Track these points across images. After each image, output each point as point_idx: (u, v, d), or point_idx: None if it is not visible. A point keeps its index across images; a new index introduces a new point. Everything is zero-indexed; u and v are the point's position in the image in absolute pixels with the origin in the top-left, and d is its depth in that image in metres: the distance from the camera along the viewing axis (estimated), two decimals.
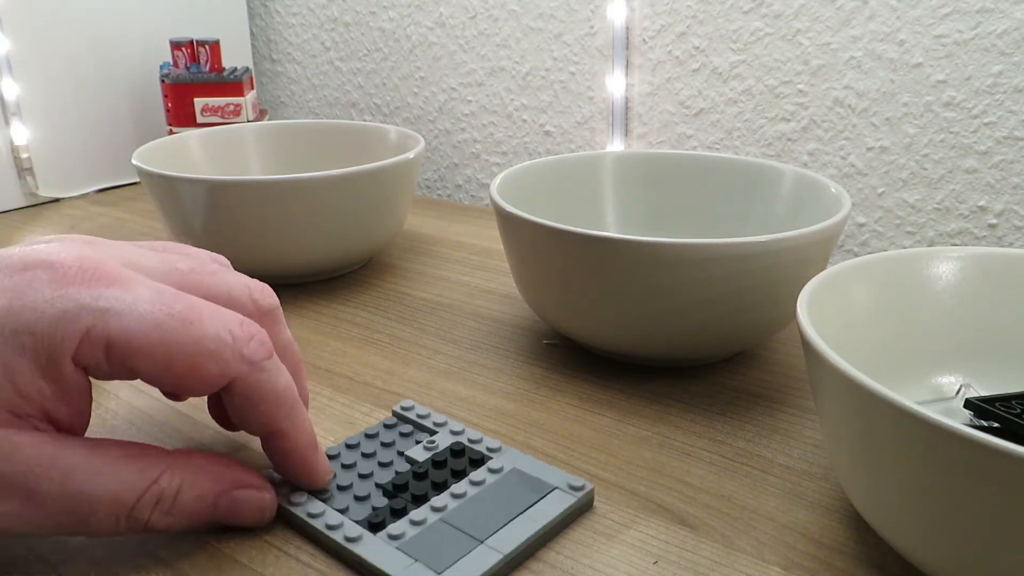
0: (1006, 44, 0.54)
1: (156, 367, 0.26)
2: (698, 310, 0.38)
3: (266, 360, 0.27)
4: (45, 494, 0.25)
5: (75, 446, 0.26)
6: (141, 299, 0.25)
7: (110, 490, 0.26)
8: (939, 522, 0.24)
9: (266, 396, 0.28)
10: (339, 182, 0.49)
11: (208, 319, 0.26)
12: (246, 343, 0.27)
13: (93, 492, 0.25)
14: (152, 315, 0.25)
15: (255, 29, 0.96)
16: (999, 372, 0.36)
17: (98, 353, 0.25)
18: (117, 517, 0.26)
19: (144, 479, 0.26)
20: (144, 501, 0.26)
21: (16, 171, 0.74)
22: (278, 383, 0.28)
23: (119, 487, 0.26)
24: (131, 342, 0.25)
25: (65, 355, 0.24)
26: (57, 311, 0.24)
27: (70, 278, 0.25)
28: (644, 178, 0.54)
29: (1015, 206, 0.56)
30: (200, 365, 0.26)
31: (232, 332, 0.27)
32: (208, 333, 0.26)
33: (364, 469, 0.33)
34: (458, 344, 0.46)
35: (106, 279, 0.25)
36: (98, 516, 0.26)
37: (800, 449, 0.36)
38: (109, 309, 0.25)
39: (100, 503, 0.25)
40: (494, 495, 0.31)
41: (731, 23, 0.64)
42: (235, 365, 0.27)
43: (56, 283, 0.25)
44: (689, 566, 0.29)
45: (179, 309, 0.26)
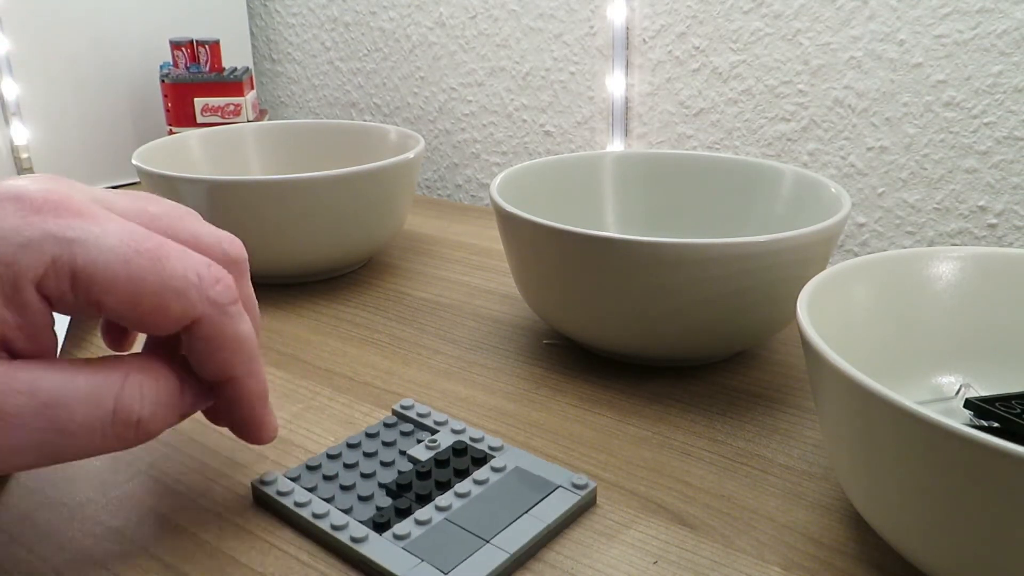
0: (1006, 44, 0.54)
1: (121, 302, 0.25)
2: (698, 310, 0.38)
3: (231, 304, 0.27)
4: (15, 409, 0.24)
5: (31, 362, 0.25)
6: (109, 232, 0.25)
7: (85, 389, 0.25)
8: (939, 522, 0.24)
9: (227, 340, 0.27)
10: (339, 182, 0.49)
11: (176, 259, 0.26)
12: (212, 285, 0.27)
13: (67, 395, 0.25)
14: (120, 249, 0.25)
15: (255, 29, 0.96)
16: (999, 372, 0.36)
17: (63, 283, 0.24)
18: (102, 421, 0.25)
19: (115, 375, 0.26)
20: (126, 395, 0.26)
21: (16, 171, 0.74)
22: (240, 328, 0.28)
23: (93, 385, 0.25)
24: (97, 274, 0.24)
25: (29, 282, 0.24)
26: (23, 238, 0.24)
27: (37, 207, 0.25)
28: (644, 178, 0.54)
29: (1015, 206, 0.56)
30: (165, 303, 0.26)
31: (199, 273, 0.26)
32: (176, 271, 0.26)
33: (367, 468, 0.33)
34: (458, 344, 0.46)
35: (74, 211, 0.25)
36: (80, 421, 0.25)
37: (800, 449, 0.36)
38: (76, 239, 0.24)
39: (78, 404, 0.25)
40: (498, 494, 0.31)
41: (731, 23, 0.64)
42: (200, 306, 0.26)
43: (23, 213, 0.24)
44: (689, 566, 0.29)
45: (148, 247, 0.26)
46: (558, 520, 0.30)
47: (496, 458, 0.33)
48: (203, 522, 0.31)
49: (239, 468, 0.35)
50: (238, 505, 0.32)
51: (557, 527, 0.30)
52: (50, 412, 0.24)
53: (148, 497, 0.33)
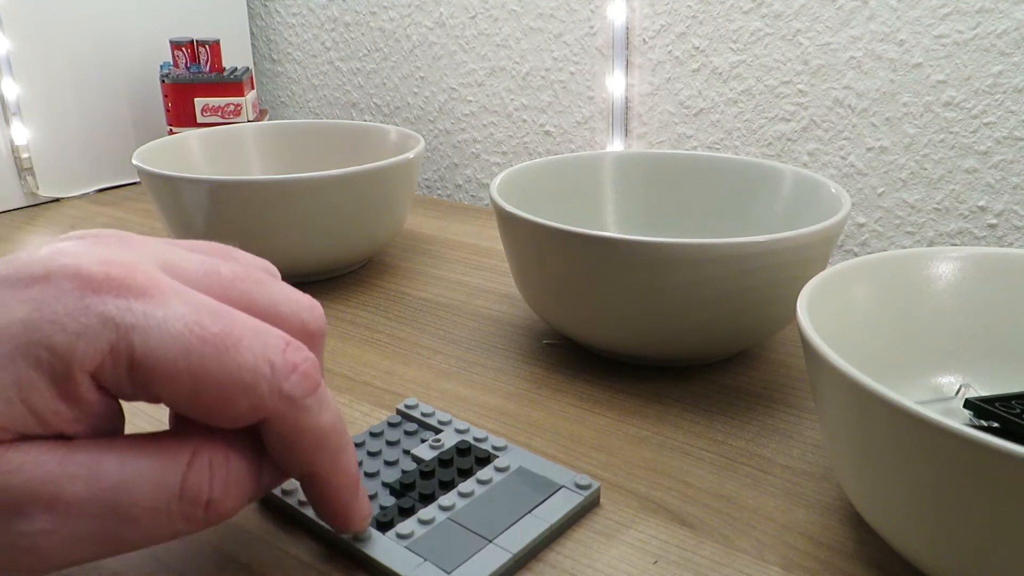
0: (1006, 44, 0.54)
1: (181, 395, 0.23)
2: (698, 310, 0.38)
3: (308, 396, 0.24)
4: (73, 497, 0.22)
5: (89, 443, 0.23)
6: (173, 316, 0.22)
7: (149, 470, 0.22)
8: (939, 522, 0.24)
9: (303, 437, 0.24)
10: (339, 182, 0.49)
11: (246, 347, 0.23)
12: (287, 376, 0.23)
13: (130, 477, 0.22)
14: (184, 337, 0.22)
15: (255, 29, 0.96)
16: (999, 372, 0.36)
17: (120, 373, 0.22)
18: (168, 504, 0.23)
19: (182, 453, 0.23)
20: (194, 474, 0.23)
21: (16, 171, 0.74)
22: (319, 422, 0.24)
23: (158, 466, 0.23)
24: (156, 366, 0.22)
25: (84, 374, 0.22)
26: (80, 325, 0.21)
27: (95, 286, 0.22)
28: (644, 178, 0.54)
29: (1015, 206, 0.56)
30: (231, 399, 0.23)
31: (272, 362, 0.23)
32: (245, 363, 0.23)
33: (370, 468, 0.33)
34: (458, 344, 0.46)
35: (136, 289, 0.22)
36: (144, 505, 0.22)
37: (800, 449, 0.36)
38: (135, 325, 0.22)
39: (142, 487, 0.22)
40: (501, 494, 0.31)
41: (731, 23, 0.64)
42: (271, 401, 0.23)
43: (80, 293, 0.22)
44: (689, 566, 0.29)
45: (214, 332, 0.23)
46: (561, 520, 0.30)
47: (500, 458, 0.33)
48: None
49: None
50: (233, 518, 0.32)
51: (560, 527, 0.30)
52: (111, 497, 0.22)
53: None
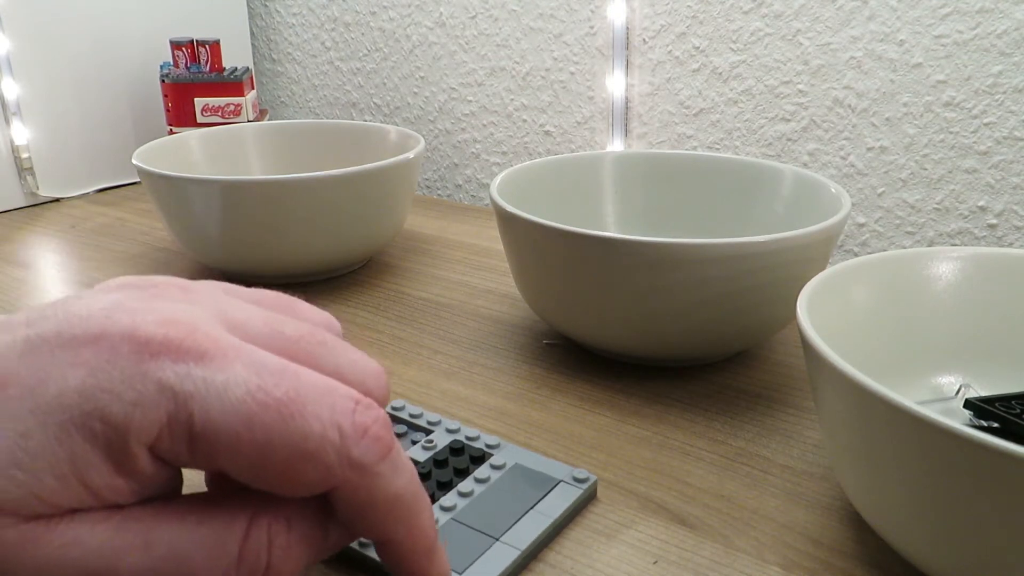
0: (1006, 44, 0.54)
1: (245, 467, 0.21)
2: (698, 310, 0.38)
3: (381, 462, 0.22)
4: (129, 569, 0.21)
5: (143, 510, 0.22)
6: (235, 381, 0.21)
7: (205, 539, 0.21)
8: (939, 522, 0.24)
9: (376, 504, 0.23)
10: (339, 182, 0.49)
11: (313, 409, 0.21)
12: (358, 441, 0.22)
13: (185, 547, 0.21)
14: (246, 405, 0.21)
15: (255, 29, 0.96)
16: (999, 372, 0.36)
17: (180, 444, 0.21)
18: (226, 570, 0.22)
19: (240, 518, 0.22)
20: (253, 541, 0.22)
21: (16, 171, 0.74)
22: (394, 488, 0.23)
23: (215, 534, 0.22)
24: (218, 437, 0.21)
25: (141, 445, 0.21)
26: (136, 394, 0.20)
27: (153, 350, 0.21)
28: (644, 178, 0.54)
29: (1015, 206, 0.56)
30: (298, 469, 0.21)
31: (341, 427, 0.22)
32: (312, 430, 0.21)
33: None
34: (458, 344, 0.46)
35: (196, 352, 0.21)
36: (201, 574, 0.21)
37: (800, 449, 0.36)
38: (195, 394, 0.21)
39: (198, 556, 0.21)
40: (501, 491, 0.31)
41: (731, 23, 0.64)
42: (341, 471, 0.22)
43: (137, 357, 0.21)
44: (689, 566, 0.29)
45: (278, 396, 0.21)
46: (564, 515, 0.30)
47: (494, 456, 0.33)
48: None
49: None
50: None
51: (563, 521, 0.30)
52: (168, 567, 0.21)
53: None
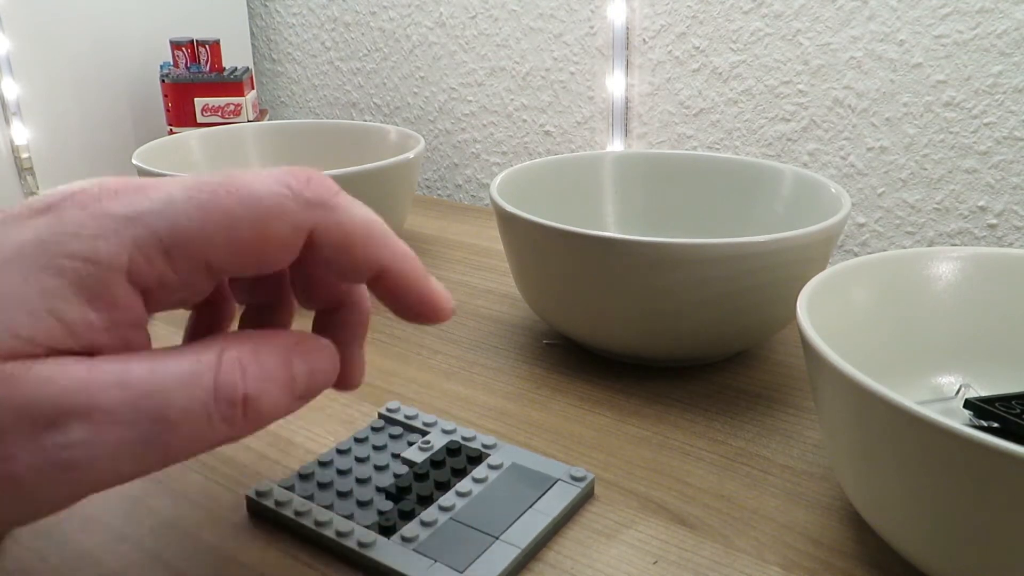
0: (1006, 44, 0.54)
1: (223, 250, 0.22)
2: (698, 310, 0.38)
3: (335, 196, 0.24)
4: (107, 403, 0.21)
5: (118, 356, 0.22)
6: (174, 191, 0.22)
7: (179, 371, 0.22)
8: (939, 522, 0.24)
9: (352, 234, 0.24)
10: (339, 182, 0.49)
11: (255, 181, 0.23)
12: (306, 186, 0.24)
13: (161, 381, 0.21)
14: (194, 198, 0.22)
15: (255, 29, 0.96)
16: (999, 372, 0.36)
17: (157, 261, 0.22)
18: (204, 403, 0.22)
19: (211, 351, 0.22)
20: (226, 371, 0.22)
21: (16, 171, 0.74)
22: (358, 215, 0.25)
23: (188, 365, 0.22)
24: (185, 232, 0.22)
25: (117, 274, 0.21)
26: (95, 228, 0.21)
27: (95, 197, 0.22)
28: (644, 178, 0.54)
29: (1015, 206, 0.56)
30: (269, 228, 0.23)
31: (286, 183, 0.24)
32: (260, 191, 0.23)
33: (361, 473, 0.32)
34: (458, 344, 0.46)
35: (132, 188, 0.23)
36: (180, 406, 0.21)
37: (800, 449, 0.36)
38: (147, 211, 0.22)
39: (175, 388, 0.21)
40: (499, 491, 0.31)
41: (731, 23, 0.64)
42: (303, 213, 0.23)
43: (87, 206, 0.22)
44: (689, 566, 0.29)
45: (217, 182, 0.23)
46: (562, 513, 0.30)
47: (491, 455, 0.33)
48: (204, 522, 0.31)
49: (240, 467, 0.35)
50: (239, 506, 0.32)
51: (561, 520, 0.30)
52: (147, 402, 0.21)
53: (149, 497, 0.33)
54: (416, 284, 0.26)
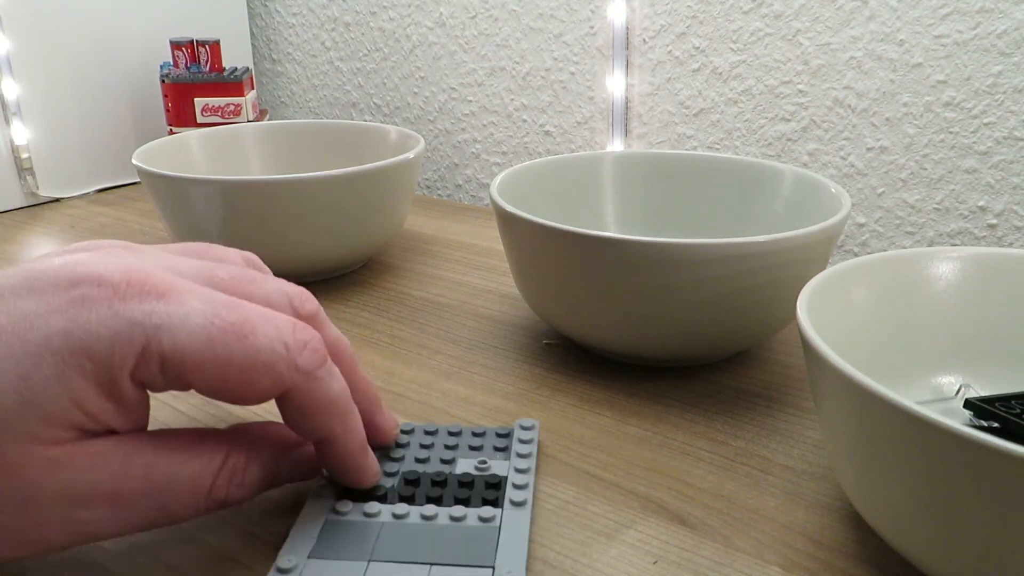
0: (1006, 44, 0.54)
1: (210, 382, 0.26)
2: (698, 310, 0.38)
3: (319, 369, 0.27)
4: (129, 494, 0.25)
5: (145, 443, 0.26)
6: (193, 312, 0.25)
7: (188, 476, 0.27)
8: (939, 522, 0.24)
9: (319, 405, 0.28)
10: (339, 182, 0.49)
11: (261, 331, 0.26)
12: (300, 352, 0.27)
13: (173, 482, 0.26)
14: (205, 330, 0.25)
15: (255, 29, 0.96)
16: (999, 372, 0.36)
17: (153, 370, 0.25)
18: (198, 500, 0.27)
19: (215, 460, 0.27)
20: (220, 480, 0.27)
21: (16, 171, 0.74)
22: (331, 391, 0.28)
23: (196, 472, 0.27)
24: (185, 359, 0.25)
25: (124, 375, 0.25)
26: (112, 332, 0.24)
27: (120, 294, 0.25)
28: (644, 178, 0.54)
29: (1015, 206, 0.56)
30: (254, 379, 0.26)
31: (286, 343, 0.26)
32: (262, 346, 0.26)
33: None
34: (458, 344, 0.46)
35: (155, 292, 0.25)
36: (182, 502, 0.27)
37: (800, 449, 0.36)
38: (161, 326, 0.25)
39: (182, 490, 0.26)
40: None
41: (731, 23, 0.64)
42: (289, 376, 0.26)
43: (108, 301, 0.24)
44: (689, 566, 0.29)
45: (231, 320, 0.26)
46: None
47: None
48: (205, 522, 0.31)
49: None
50: (240, 507, 0.32)
51: None
52: (157, 496, 0.26)
53: None
54: (349, 457, 0.30)
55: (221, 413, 0.39)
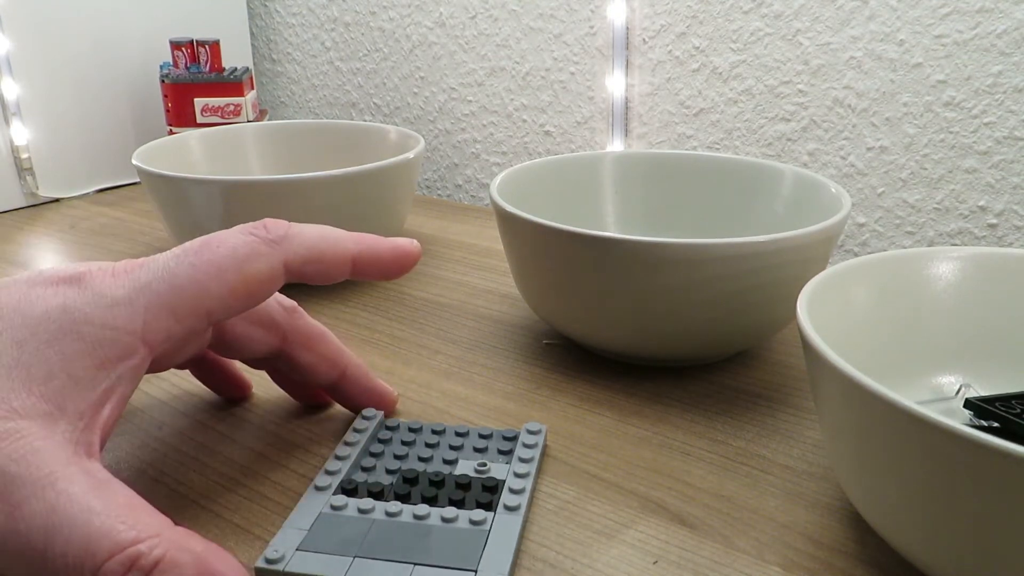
0: (1006, 44, 0.54)
1: (217, 296, 0.28)
2: (698, 310, 0.38)
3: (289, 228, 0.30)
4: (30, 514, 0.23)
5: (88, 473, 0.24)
6: (167, 261, 0.28)
7: (91, 532, 0.23)
8: (939, 522, 0.24)
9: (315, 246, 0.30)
10: (339, 182, 0.49)
11: (224, 237, 0.29)
12: (264, 230, 0.29)
13: (74, 528, 0.23)
14: (184, 262, 0.27)
15: (255, 29, 0.96)
16: (999, 372, 0.36)
17: (164, 319, 0.27)
18: (83, 569, 0.23)
19: (128, 534, 0.23)
20: (116, 561, 0.23)
21: (16, 171, 0.74)
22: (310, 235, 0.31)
23: (100, 532, 0.23)
24: (185, 292, 0.27)
25: (133, 335, 0.26)
26: (111, 300, 0.26)
27: (109, 274, 0.27)
28: (644, 178, 0.54)
29: (1015, 206, 0.56)
30: (250, 269, 0.28)
31: (250, 231, 0.29)
32: (236, 243, 0.28)
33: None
34: (458, 344, 0.46)
35: (134, 266, 0.28)
36: (66, 560, 0.23)
37: (800, 449, 0.36)
38: (151, 280, 0.27)
39: (73, 545, 0.23)
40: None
41: (731, 23, 0.64)
42: (273, 251, 0.29)
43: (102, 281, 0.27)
44: (689, 566, 0.29)
45: (197, 247, 0.28)
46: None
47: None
48: (205, 523, 0.31)
49: (239, 468, 0.35)
50: (240, 507, 0.32)
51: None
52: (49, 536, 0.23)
53: (149, 497, 0.32)
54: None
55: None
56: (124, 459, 0.35)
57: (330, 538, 0.29)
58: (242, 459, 0.35)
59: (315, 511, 0.30)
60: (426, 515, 0.30)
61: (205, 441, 0.37)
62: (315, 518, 0.30)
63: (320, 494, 0.31)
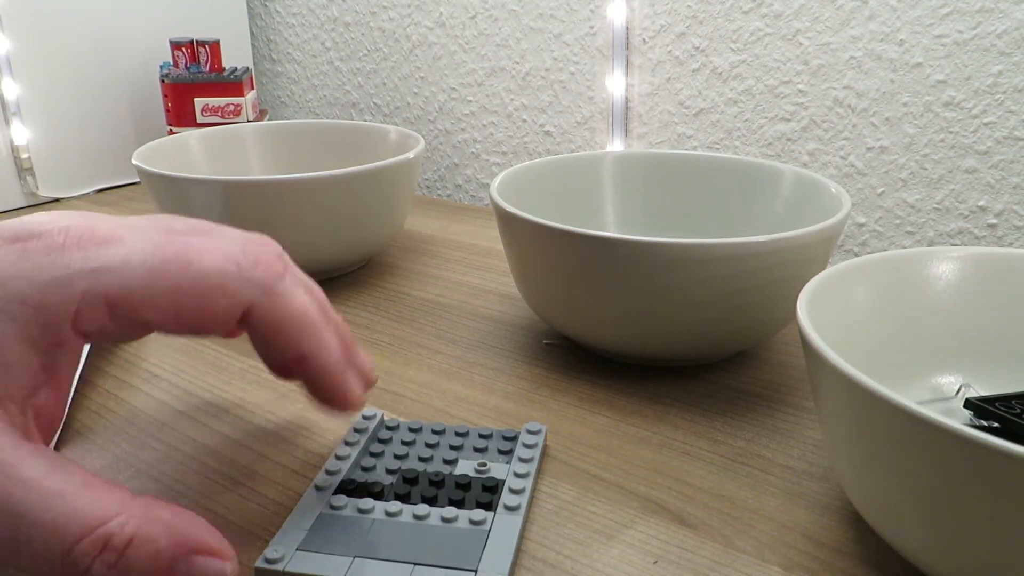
0: (1006, 44, 0.54)
1: (164, 314, 0.25)
2: (698, 310, 0.38)
3: (278, 283, 0.26)
4: None
5: (38, 455, 0.23)
6: (133, 251, 0.25)
7: (56, 516, 0.22)
8: (939, 522, 0.24)
9: (283, 321, 0.26)
10: (339, 182, 0.49)
11: (207, 253, 0.25)
12: (253, 268, 0.26)
13: (37, 514, 0.22)
14: (147, 264, 0.24)
15: (255, 29, 0.96)
16: (999, 372, 0.36)
17: (101, 314, 0.24)
18: (53, 554, 0.22)
19: (95, 514, 0.22)
20: (88, 542, 0.22)
21: (16, 171, 0.74)
22: (293, 305, 0.27)
23: (66, 515, 0.22)
24: (132, 295, 0.24)
25: (63, 322, 0.23)
26: (48, 277, 0.23)
27: (59, 244, 0.24)
28: (644, 178, 0.54)
29: (1015, 206, 0.56)
30: (209, 302, 0.25)
31: (237, 261, 0.26)
32: (209, 268, 0.25)
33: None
34: (458, 344, 0.46)
35: (95, 240, 0.24)
36: (33, 546, 0.22)
37: (800, 449, 0.36)
38: (102, 267, 0.24)
39: (40, 529, 0.22)
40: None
41: (731, 23, 0.64)
42: (245, 293, 0.25)
43: (47, 251, 0.24)
44: (689, 566, 0.29)
45: (173, 251, 0.25)
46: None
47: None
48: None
49: (239, 468, 0.35)
50: (240, 507, 0.32)
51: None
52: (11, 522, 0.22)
53: None
54: (330, 376, 0.28)
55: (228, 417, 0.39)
56: (124, 459, 0.35)
57: (330, 538, 0.29)
58: (242, 459, 0.35)
59: (315, 511, 0.30)
60: (426, 515, 0.30)
61: (205, 441, 0.37)
62: (315, 518, 0.30)
63: (320, 494, 0.31)
